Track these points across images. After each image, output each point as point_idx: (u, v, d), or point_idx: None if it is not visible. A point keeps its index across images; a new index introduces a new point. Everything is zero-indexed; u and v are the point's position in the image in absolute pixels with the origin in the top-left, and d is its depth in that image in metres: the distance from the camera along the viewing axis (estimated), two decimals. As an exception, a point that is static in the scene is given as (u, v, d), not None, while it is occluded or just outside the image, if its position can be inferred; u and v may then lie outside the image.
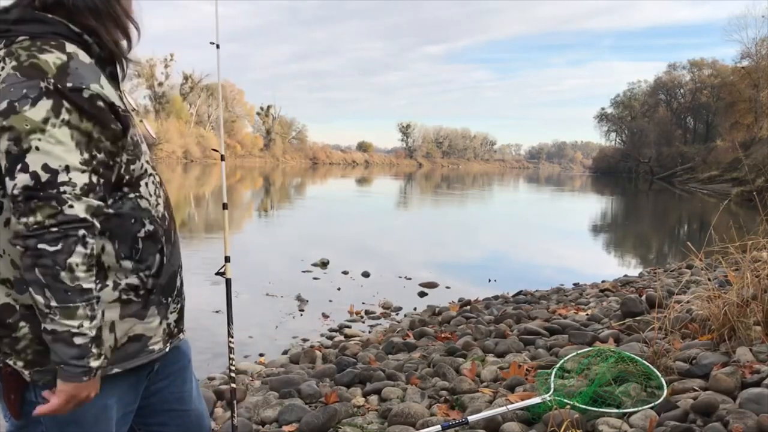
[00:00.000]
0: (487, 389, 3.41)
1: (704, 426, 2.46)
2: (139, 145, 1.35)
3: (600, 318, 5.03)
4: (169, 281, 1.42)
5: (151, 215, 1.36)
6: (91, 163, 1.21)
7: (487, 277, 9.16)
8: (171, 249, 1.42)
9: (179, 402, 1.57)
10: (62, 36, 1.23)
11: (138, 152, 1.34)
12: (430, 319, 6.25)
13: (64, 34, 1.24)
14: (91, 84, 1.20)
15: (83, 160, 1.19)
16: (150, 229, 1.36)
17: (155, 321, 1.39)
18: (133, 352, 1.36)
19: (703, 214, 24.06)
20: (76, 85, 1.18)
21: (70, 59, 1.19)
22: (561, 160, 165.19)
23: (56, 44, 1.21)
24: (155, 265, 1.37)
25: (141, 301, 1.36)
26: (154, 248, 1.37)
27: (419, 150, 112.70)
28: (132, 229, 1.32)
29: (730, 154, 43.05)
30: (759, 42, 47.74)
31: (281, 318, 6.79)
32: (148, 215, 1.35)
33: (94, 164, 1.21)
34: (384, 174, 65.89)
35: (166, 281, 1.41)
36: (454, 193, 35.79)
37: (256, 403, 3.59)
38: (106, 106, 1.22)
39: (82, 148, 1.19)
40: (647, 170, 65.65)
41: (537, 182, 63.37)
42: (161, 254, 1.39)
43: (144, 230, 1.34)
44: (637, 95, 78.57)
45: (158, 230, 1.38)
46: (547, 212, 26.00)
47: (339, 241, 13.14)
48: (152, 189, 1.38)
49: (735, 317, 3.32)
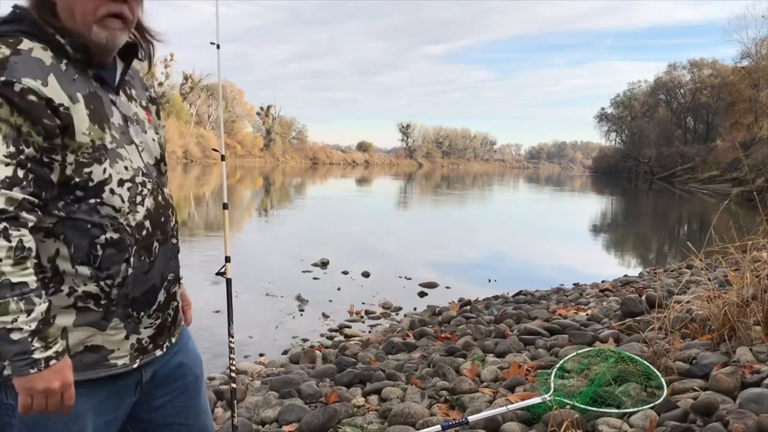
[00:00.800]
0: (487, 389, 3.41)
1: (704, 426, 2.46)
2: (108, 151, 1.30)
3: (600, 318, 5.03)
4: (143, 295, 1.37)
5: (118, 223, 1.30)
6: (16, 156, 1.19)
7: (487, 277, 9.16)
8: (149, 262, 1.36)
9: (182, 416, 1.55)
10: (28, 34, 1.25)
11: (100, 157, 1.28)
12: (430, 319, 6.25)
13: (33, 33, 1.26)
14: (23, 78, 1.19)
15: (8, 153, 1.18)
16: (113, 237, 1.30)
17: (119, 334, 1.34)
18: (90, 363, 1.32)
19: (703, 214, 24.06)
20: (8, 78, 1.18)
21: (12, 54, 1.21)
22: (561, 160, 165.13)
23: (11, 41, 1.23)
24: (119, 275, 1.32)
25: (101, 311, 1.31)
26: (118, 257, 1.31)
27: (419, 150, 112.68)
28: (88, 234, 1.28)
29: (730, 154, 43.07)
30: (759, 42, 47.77)
31: (281, 318, 6.79)
32: (111, 222, 1.30)
33: (21, 158, 1.19)
34: (384, 174, 65.89)
35: (140, 294, 1.36)
36: (454, 193, 35.78)
37: (256, 403, 3.59)
38: (40, 101, 1.20)
39: (9, 142, 1.18)
40: (647, 170, 65.65)
41: (537, 182, 63.36)
42: (128, 264, 1.32)
43: (104, 237, 1.29)
44: (637, 95, 78.55)
45: (125, 239, 1.31)
46: (547, 212, 26.00)
47: (339, 241, 13.14)
48: (126, 196, 1.32)
49: (735, 317, 3.32)
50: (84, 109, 1.28)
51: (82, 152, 1.26)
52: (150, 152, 1.43)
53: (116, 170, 1.32)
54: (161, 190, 1.43)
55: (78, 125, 1.26)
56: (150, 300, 1.39)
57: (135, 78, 1.51)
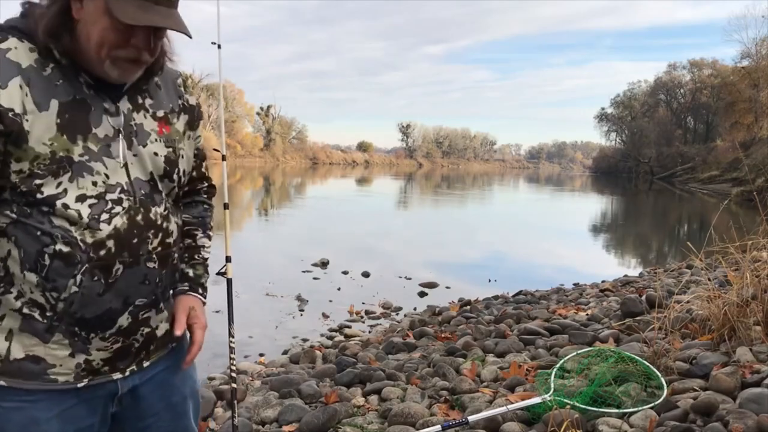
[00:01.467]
0: (487, 389, 3.41)
1: (704, 426, 2.46)
2: (73, 164, 1.22)
3: (600, 318, 5.04)
4: (96, 318, 1.28)
5: (70, 236, 1.23)
6: None
7: (487, 277, 9.16)
8: (105, 283, 1.27)
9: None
10: (22, 33, 1.22)
11: (59, 170, 1.21)
12: (430, 319, 6.25)
13: (24, 32, 1.23)
14: None
15: None
16: (62, 249, 1.23)
17: (62, 351, 1.28)
18: (28, 372, 1.27)
19: (703, 214, 24.06)
20: None
21: None
22: (561, 160, 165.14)
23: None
24: (65, 291, 1.25)
25: (45, 322, 1.26)
26: (66, 272, 1.24)
27: (419, 150, 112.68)
28: (38, 242, 1.23)
29: (730, 154, 43.07)
30: (759, 42, 47.80)
31: (281, 318, 6.79)
32: (63, 234, 1.22)
33: None
34: (384, 174, 65.88)
35: (91, 316, 1.27)
36: (454, 193, 35.78)
37: (257, 403, 3.60)
38: None
39: None
40: (647, 170, 65.64)
41: (537, 182, 63.36)
42: (75, 282, 1.24)
43: (53, 248, 1.23)
44: (637, 95, 78.55)
45: (75, 255, 1.23)
46: (547, 212, 26.00)
47: (339, 241, 13.14)
48: (86, 213, 1.23)
49: (735, 317, 3.32)
50: (53, 118, 1.21)
51: (37, 163, 1.19)
52: (143, 167, 1.33)
53: (78, 185, 1.23)
54: (146, 209, 1.32)
55: (36, 134, 1.19)
56: (105, 324, 1.30)
57: (163, 84, 1.42)
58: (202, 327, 1.54)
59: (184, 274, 1.56)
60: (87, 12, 1.20)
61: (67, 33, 1.21)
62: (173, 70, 1.45)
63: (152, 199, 1.34)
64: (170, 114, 1.41)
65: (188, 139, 1.46)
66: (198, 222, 1.61)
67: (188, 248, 1.58)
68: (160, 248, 1.36)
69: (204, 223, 1.63)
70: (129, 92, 1.32)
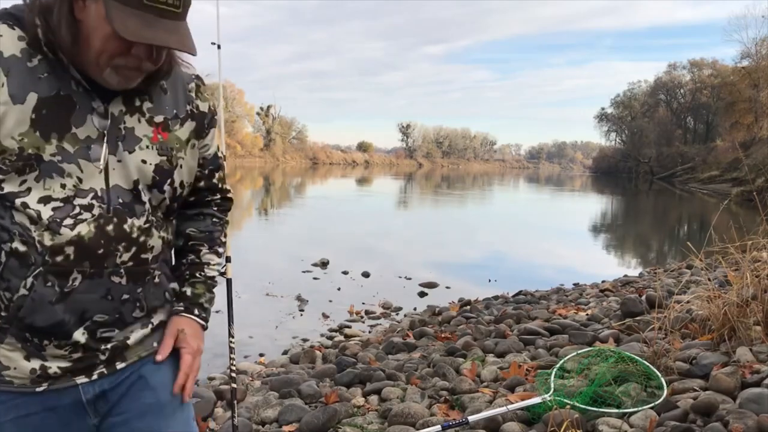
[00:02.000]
0: (487, 389, 3.41)
1: (704, 426, 2.46)
2: (42, 163, 1.14)
3: (600, 318, 5.04)
4: (49, 327, 1.19)
5: (28, 236, 1.16)
6: None
7: (487, 277, 9.16)
8: (59, 292, 1.18)
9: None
10: (17, 19, 1.16)
11: (25, 168, 1.14)
12: (430, 319, 6.25)
13: (19, 19, 1.16)
14: None
15: None
16: (18, 248, 1.16)
17: (14, 354, 1.21)
18: None
19: (703, 214, 24.06)
20: None
21: None
22: (561, 160, 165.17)
23: None
24: (16, 293, 1.18)
25: (2, 320, 1.19)
26: (19, 273, 1.17)
27: (419, 150, 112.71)
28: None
29: (730, 154, 43.07)
30: (759, 42, 47.79)
31: (281, 318, 6.79)
32: (21, 232, 1.16)
33: None
34: (384, 174, 65.89)
35: (43, 324, 1.19)
36: (454, 193, 35.78)
37: (256, 403, 3.59)
38: None
39: None
40: (647, 170, 65.66)
41: (537, 182, 63.36)
42: (25, 285, 1.17)
43: (9, 246, 1.17)
44: (637, 95, 78.59)
45: (31, 256, 1.16)
46: (547, 212, 26.00)
47: (339, 241, 13.14)
48: (47, 215, 1.15)
49: (735, 317, 3.32)
50: (27, 112, 1.13)
51: (2, 158, 1.12)
52: (126, 175, 1.23)
53: (44, 185, 1.15)
54: (120, 219, 1.22)
55: (6, 127, 1.12)
56: (57, 335, 1.21)
57: (171, 88, 1.32)
58: (191, 352, 1.39)
59: (181, 293, 1.45)
60: (89, 14, 1.12)
61: (67, 30, 1.13)
62: (187, 75, 1.36)
63: (131, 209, 1.24)
64: (171, 120, 1.31)
65: (192, 148, 1.35)
66: (204, 237, 1.49)
67: (190, 265, 1.47)
68: (132, 263, 1.25)
69: (211, 238, 1.50)
70: (125, 93, 1.23)
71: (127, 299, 1.26)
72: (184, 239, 1.48)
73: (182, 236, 1.48)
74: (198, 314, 1.44)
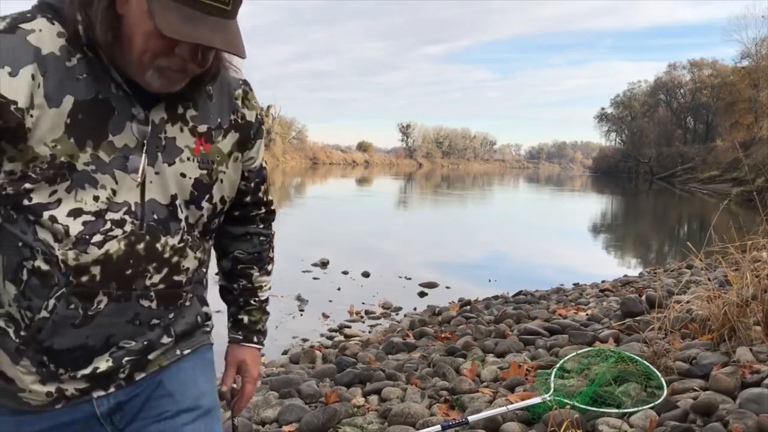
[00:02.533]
0: (487, 389, 3.41)
1: (704, 426, 2.46)
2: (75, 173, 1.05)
3: (600, 318, 5.04)
4: (69, 352, 1.11)
5: (51, 254, 1.06)
6: None
7: (487, 277, 9.16)
8: (84, 315, 1.09)
9: None
10: (50, 11, 1.07)
11: (56, 177, 1.04)
12: (430, 319, 6.25)
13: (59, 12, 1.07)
14: None
15: None
16: (41, 267, 1.07)
17: (30, 377, 1.12)
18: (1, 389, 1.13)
19: (703, 214, 24.06)
20: None
21: (2, 31, 1.03)
22: (561, 160, 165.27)
23: (20, 17, 1.05)
24: (37, 315, 1.09)
25: (18, 342, 1.10)
26: (40, 293, 1.08)
27: (419, 150, 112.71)
28: (19, 253, 1.08)
29: (730, 154, 43.06)
30: (759, 42, 47.83)
31: (281, 318, 6.79)
32: (45, 250, 1.06)
33: None
34: (384, 174, 65.89)
35: (63, 349, 1.10)
36: (454, 193, 35.78)
37: (256, 403, 3.59)
38: None
39: None
40: (647, 170, 65.66)
41: (537, 182, 63.36)
42: (46, 307, 1.08)
43: (32, 263, 1.07)
44: (637, 95, 78.62)
45: (53, 276, 1.07)
46: (547, 212, 25.99)
47: (339, 241, 13.14)
48: (76, 231, 1.06)
49: (735, 317, 3.32)
50: (62, 117, 1.04)
51: (33, 165, 1.03)
52: (164, 189, 1.13)
53: (76, 197, 1.06)
54: (153, 237, 1.12)
55: (39, 132, 1.02)
56: (77, 361, 1.12)
57: (217, 95, 1.22)
58: (252, 380, 1.47)
59: (238, 321, 1.44)
60: (130, 9, 1.03)
61: (108, 26, 1.04)
62: (234, 80, 1.25)
63: (165, 227, 1.14)
64: (215, 130, 1.20)
65: (235, 161, 1.24)
66: (253, 258, 1.44)
67: (243, 290, 1.43)
68: (163, 286, 1.15)
69: (260, 259, 1.46)
70: (168, 99, 1.13)
71: (156, 324, 1.18)
72: (233, 262, 1.43)
73: (230, 258, 1.44)
74: (257, 341, 1.46)
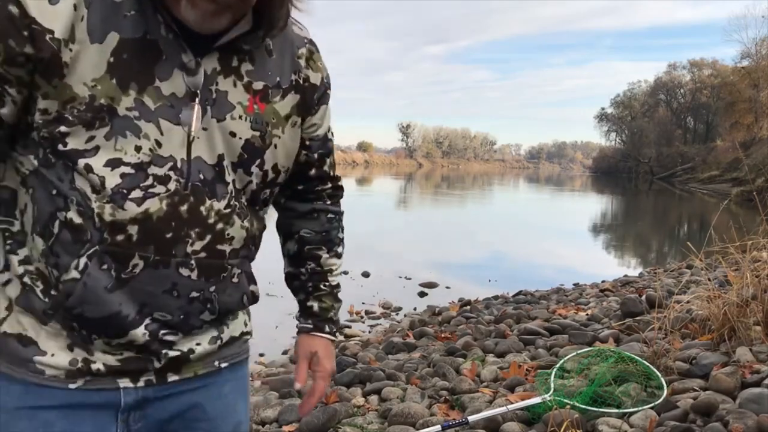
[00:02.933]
0: (487, 389, 3.41)
1: (704, 426, 2.46)
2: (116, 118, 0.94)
3: (600, 318, 5.04)
4: (102, 320, 0.99)
5: (87, 205, 0.95)
6: None
7: (487, 277, 9.16)
8: (117, 278, 0.98)
9: None
10: None
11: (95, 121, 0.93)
12: (430, 319, 6.25)
13: None
14: None
15: None
16: (74, 220, 0.96)
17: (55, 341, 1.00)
18: (14, 355, 1.00)
19: (703, 214, 24.06)
20: None
21: None
22: (561, 160, 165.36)
23: None
24: (65, 274, 0.97)
25: (46, 303, 0.99)
26: (71, 249, 0.97)
27: (419, 150, 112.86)
28: (52, 202, 0.97)
29: (730, 154, 43.09)
30: (759, 42, 47.94)
31: (281, 318, 6.77)
32: (80, 201, 0.95)
33: None
34: (384, 174, 65.88)
35: (94, 317, 0.98)
36: (454, 193, 35.78)
37: (256, 403, 3.59)
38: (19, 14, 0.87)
39: None
40: (647, 170, 65.70)
41: (537, 182, 63.38)
42: (77, 266, 0.97)
43: (65, 215, 0.96)
44: (637, 95, 78.72)
45: (86, 231, 0.96)
46: (547, 212, 26.00)
47: (339, 241, 13.13)
48: (113, 183, 0.95)
49: (735, 317, 3.32)
50: (105, 55, 0.93)
51: (70, 106, 0.92)
52: (211, 147, 1.01)
53: (116, 145, 0.95)
54: (197, 199, 1.00)
55: (79, 70, 0.92)
56: (109, 331, 1.00)
57: (278, 51, 1.09)
58: (325, 376, 1.32)
59: (307, 309, 1.33)
60: None
61: None
62: (299, 37, 1.14)
63: (212, 189, 1.02)
64: (272, 89, 1.07)
65: (293, 126, 1.11)
66: (321, 238, 1.34)
67: (312, 275, 1.33)
68: (205, 254, 1.02)
69: (329, 239, 1.34)
70: (222, 49, 1.01)
71: (195, 297, 1.04)
72: (299, 244, 1.34)
73: (296, 240, 1.34)
74: (329, 331, 1.33)
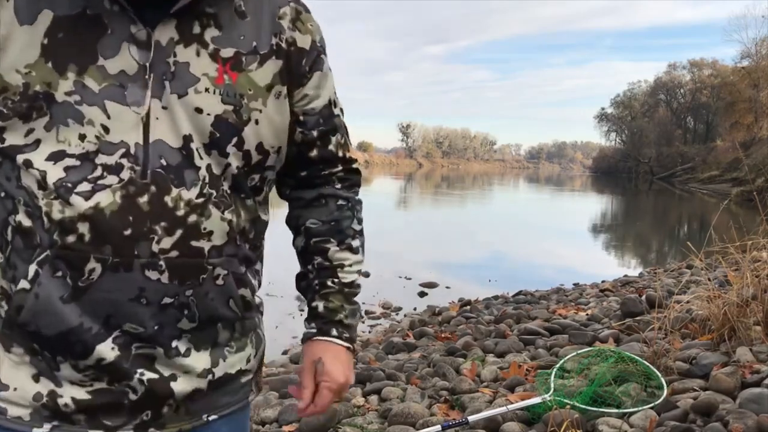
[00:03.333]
0: (487, 389, 3.41)
1: (704, 426, 2.46)
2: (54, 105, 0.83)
3: (600, 318, 5.04)
4: (58, 337, 0.85)
5: (36, 206, 0.83)
6: None
7: (487, 277, 9.16)
8: (73, 287, 0.84)
9: None
10: None
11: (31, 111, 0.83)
12: (430, 319, 6.25)
13: None
14: None
15: None
16: (23, 222, 0.85)
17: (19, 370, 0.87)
18: None
19: (703, 214, 24.06)
20: None
21: None
22: (561, 160, 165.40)
23: None
24: (17, 285, 0.85)
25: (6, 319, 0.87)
26: (24, 256, 0.85)
27: (419, 150, 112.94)
28: (2, 207, 0.87)
29: (730, 154, 43.08)
30: (759, 42, 47.92)
31: (281, 318, 6.79)
32: (28, 200, 0.84)
33: None
34: (384, 174, 65.88)
35: (51, 334, 0.85)
36: (454, 193, 35.79)
37: (256, 403, 3.59)
38: None
39: None
40: (647, 170, 65.70)
41: (537, 182, 63.40)
42: (26, 275, 0.84)
43: (15, 218, 0.85)
44: (637, 95, 78.70)
45: (37, 234, 0.84)
46: (547, 212, 26.00)
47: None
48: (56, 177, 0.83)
49: (735, 317, 3.32)
50: (38, 37, 0.83)
51: (4, 98, 0.83)
52: (175, 128, 0.87)
53: (58, 137, 0.83)
54: (160, 189, 0.86)
55: (8, 57, 0.82)
56: (72, 349, 0.86)
57: (252, 12, 0.94)
58: (331, 386, 1.05)
59: (312, 310, 1.11)
60: None
61: None
62: None
63: (178, 176, 0.87)
64: (247, 56, 0.92)
65: (277, 97, 0.95)
66: (329, 229, 1.11)
67: (318, 271, 1.11)
68: (176, 253, 0.87)
69: (339, 229, 1.11)
70: (180, 15, 0.87)
71: (169, 304, 0.89)
72: (306, 237, 1.14)
73: (303, 233, 1.15)
74: (338, 334, 1.08)
